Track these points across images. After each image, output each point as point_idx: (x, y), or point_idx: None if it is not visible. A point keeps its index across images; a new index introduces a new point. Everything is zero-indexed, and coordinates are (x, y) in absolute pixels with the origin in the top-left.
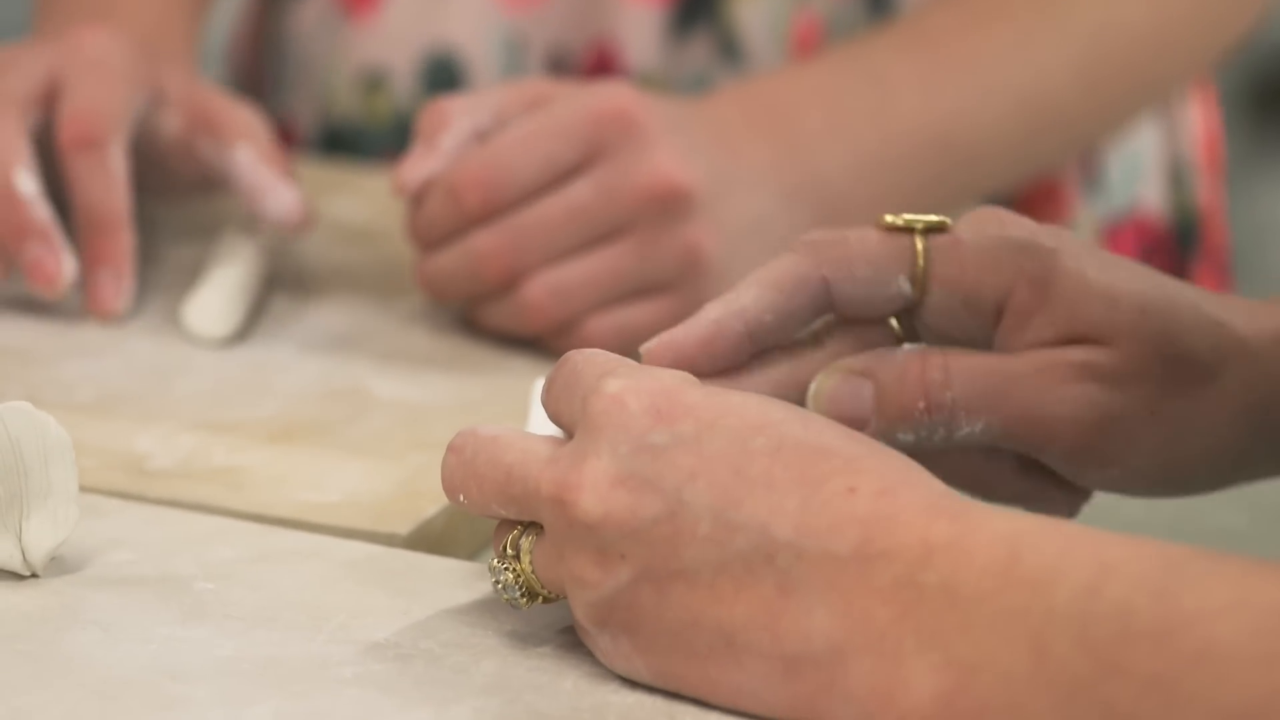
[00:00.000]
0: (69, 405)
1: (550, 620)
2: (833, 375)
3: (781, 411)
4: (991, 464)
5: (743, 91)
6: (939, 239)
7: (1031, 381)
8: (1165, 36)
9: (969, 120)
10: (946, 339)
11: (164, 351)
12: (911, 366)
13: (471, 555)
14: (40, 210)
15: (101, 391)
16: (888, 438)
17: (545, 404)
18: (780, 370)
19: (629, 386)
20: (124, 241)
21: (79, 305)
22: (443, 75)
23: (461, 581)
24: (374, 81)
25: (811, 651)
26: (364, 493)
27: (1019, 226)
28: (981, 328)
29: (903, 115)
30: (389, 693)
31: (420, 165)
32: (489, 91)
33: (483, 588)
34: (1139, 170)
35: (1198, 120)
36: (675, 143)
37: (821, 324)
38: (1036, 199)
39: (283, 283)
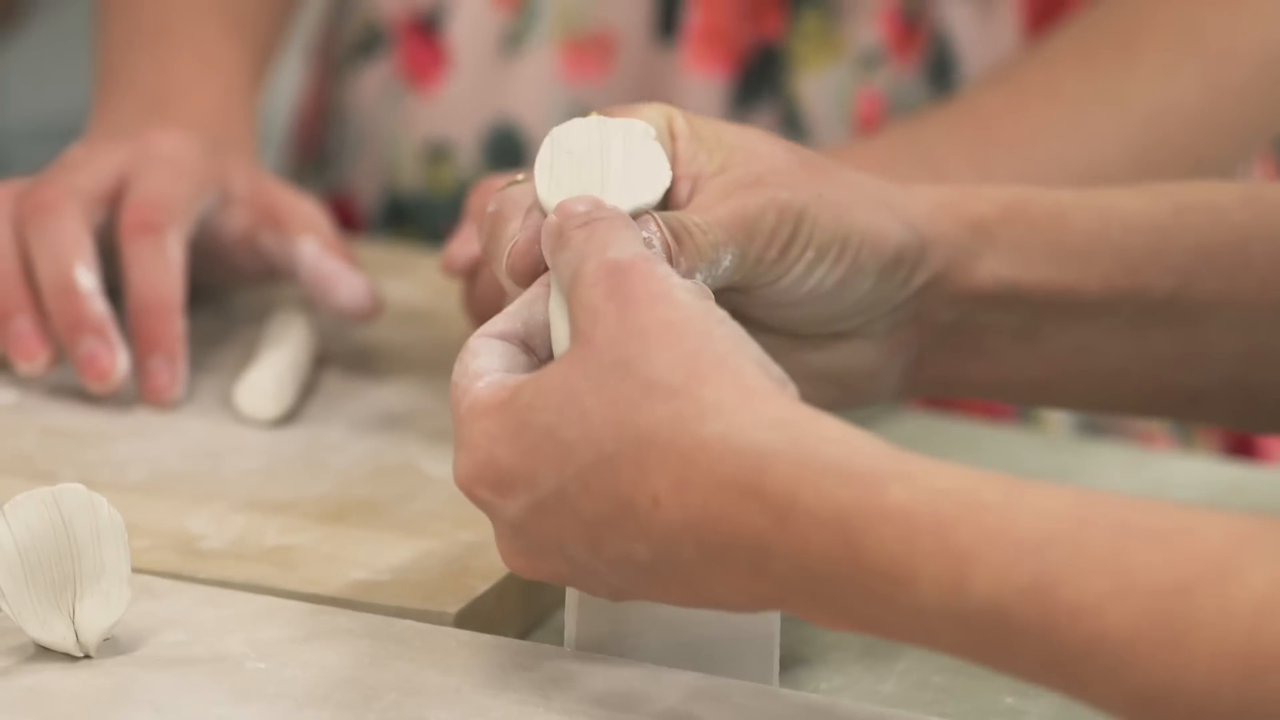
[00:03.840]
0: (122, 486)
1: (601, 696)
2: None
3: (570, 427)
4: None
5: None
6: None
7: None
8: (1221, 115)
9: None
10: None
11: (216, 432)
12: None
13: (522, 633)
14: (97, 305)
15: (154, 472)
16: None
17: None
18: None
19: (458, 476)
20: (176, 327)
21: (133, 389)
22: (506, 147)
23: (512, 659)
24: (438, 154)
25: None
26: (414, 571)
27: None
28: None
29: None
30: None
31: (470, 243)
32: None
33: (533, 664)
34: None
35: None
36: None
37: None
38: None
39: (335, 362)
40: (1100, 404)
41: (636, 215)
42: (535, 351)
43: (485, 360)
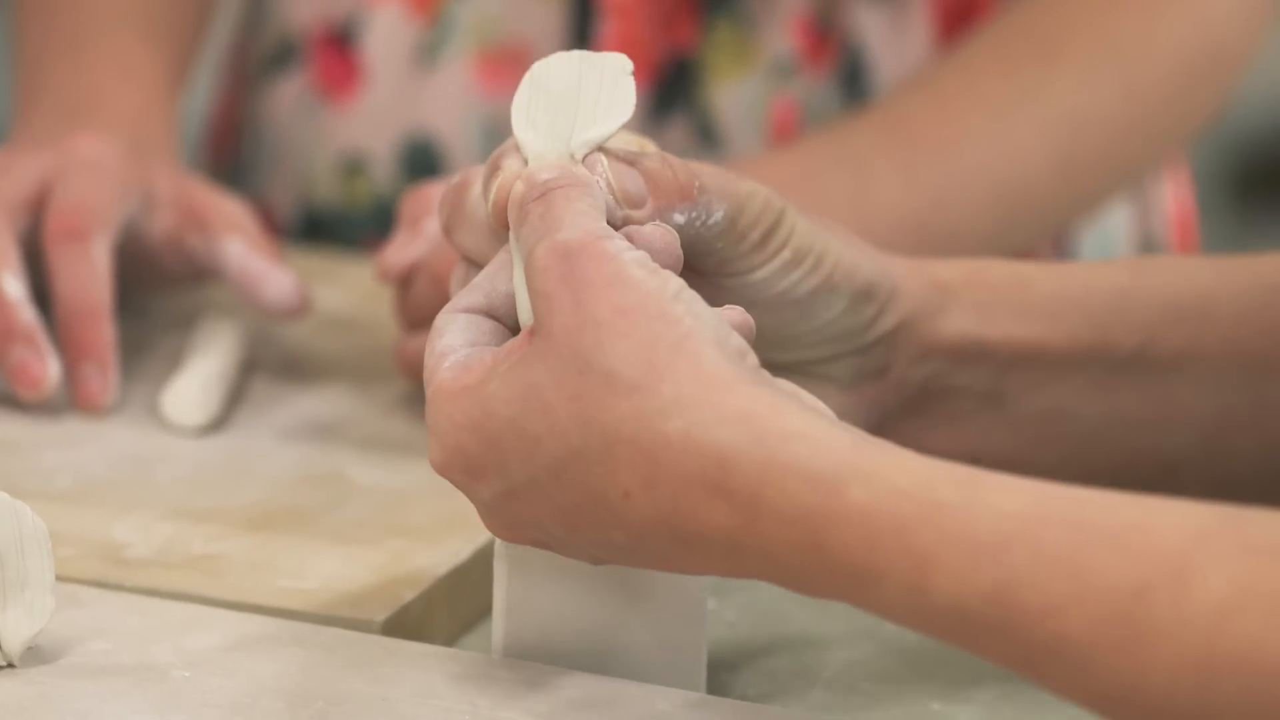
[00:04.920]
0: (47, 494)
1: (529, 704)
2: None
3: (534, 421)
4: None
5: None
6: None
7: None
8: (1138, 122)
9: (947, 206)
10: None
11: (144, 440)
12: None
13: (449, 640)
14: (26, 313)
15: (80, 480)
16: (664, 216)
17: None
18: None
19: (432, 459)
20: (105, 333)
21: (61, 396)
22: (422, 160)
23: (439, 666)
24: (354, 167)
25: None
26: (342, 579)
27: None
28: None
29: (881, 201)
30: None
31: (404, 250)
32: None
33: (460, 672)
34: (1111, 247)
35: (1170, 199)
36: None
37: None
38: None
39: (263, 370)
40: (1074, 476)
41: (592, 153)
42: (502, 321)
43: (450, 338)
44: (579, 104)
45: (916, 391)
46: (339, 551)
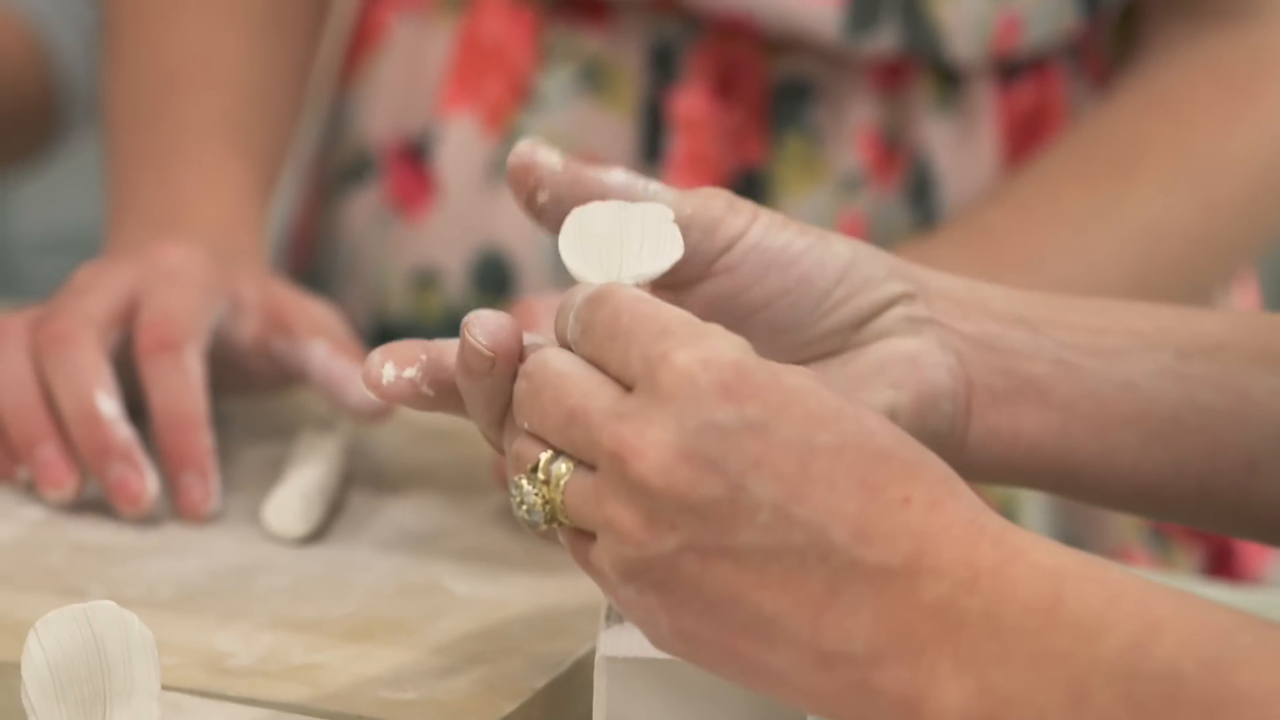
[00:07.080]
0: (151, 603)
1: None
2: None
3: (838, 402)
4: None
5: None
6: None
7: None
8: (1213, 234)
9: None
10: None
11: (244, 549)
12: None
13: None
14: (122, 430)
15: (183, 589)
16: None
17: (581, 348)
18: None
19: (698, 359)
20: (203, 441)
21: (162, 506)
22: (494, 274)
23: None
24: (426, 280)
25: (849, 651)
26: (441, 690)
27: None
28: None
29: None
30: None
31: None
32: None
33: None
34: None
35: (1239, 307)
36: None
37: None
38: None
39: (361, 480)
40: (1161, 464)
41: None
42: None
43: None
44: (624, 246)
45: (982, 349)
46: (438, 662)
